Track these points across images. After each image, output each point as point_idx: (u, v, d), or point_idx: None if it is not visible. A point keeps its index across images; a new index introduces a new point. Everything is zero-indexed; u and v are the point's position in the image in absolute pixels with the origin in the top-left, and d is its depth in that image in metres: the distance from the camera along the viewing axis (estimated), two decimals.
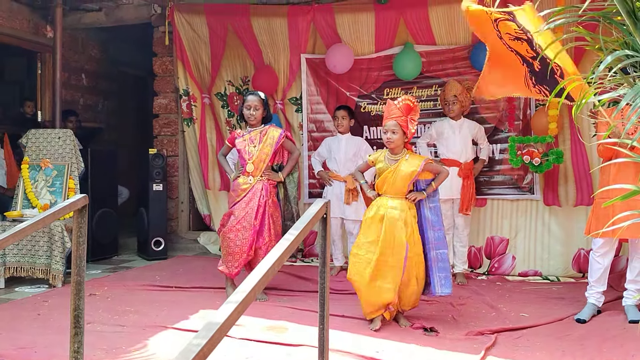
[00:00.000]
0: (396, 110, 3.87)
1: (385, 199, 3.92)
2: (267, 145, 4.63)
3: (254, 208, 4.55)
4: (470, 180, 5.31)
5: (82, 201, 2.79)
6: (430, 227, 3.95)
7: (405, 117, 3.85)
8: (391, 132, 3.87)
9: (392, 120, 3.87)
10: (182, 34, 6.47)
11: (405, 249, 3.78)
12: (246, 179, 4.62)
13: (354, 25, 5.96)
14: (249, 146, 4.64)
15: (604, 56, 1.76)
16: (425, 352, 3.37)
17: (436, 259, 3.91)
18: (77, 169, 5.70)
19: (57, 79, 6.41)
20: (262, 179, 4.62)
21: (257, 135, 4.66)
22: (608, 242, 4.04)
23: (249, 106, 4.62)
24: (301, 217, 2.34)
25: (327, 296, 2.49)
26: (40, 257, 5.16)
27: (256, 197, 4.56)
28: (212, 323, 1.47)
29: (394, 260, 3.78)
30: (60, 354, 3.18)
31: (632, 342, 3.43)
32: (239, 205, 4.58)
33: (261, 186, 4.60)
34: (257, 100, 4.63)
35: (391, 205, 3.87)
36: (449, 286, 3.91)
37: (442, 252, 3.93)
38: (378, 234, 3.83)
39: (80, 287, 2.80)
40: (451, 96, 5.29)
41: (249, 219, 4.53)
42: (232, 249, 4.55)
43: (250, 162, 4.60)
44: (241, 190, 4.60)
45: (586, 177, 5.37)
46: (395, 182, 3.89)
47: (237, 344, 3.50)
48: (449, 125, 5.34)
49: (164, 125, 7.04)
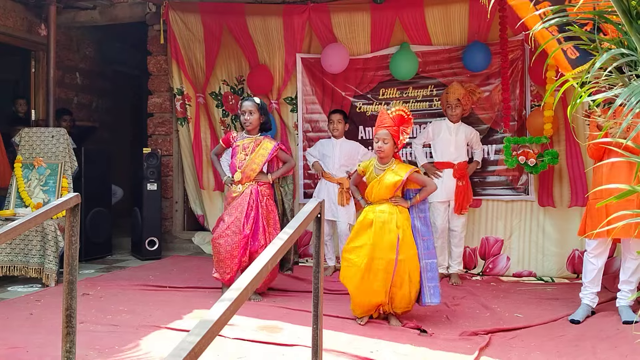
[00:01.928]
0: (389, 119, 3.91)
1: (374, 206, 3.99)
2: (259, 155, 4.62)
3: (243, 213, 4.54)
4: (465, 180, 5.31)
5: (74, 200, 2.77)
6: (420, 237, 3.97)
7: (397, 127, 3.90)
8: (382, 142, 3.92)
9: (384, 130, 3.91)
10: (176, 33, 6.44)
11: (396, 251, 3.80)
12: (235, 188, 4.64)
13: (349, 25, 5.95)
14: (241, 153, 4.62)
15: (599, 55, 1.75)
16: (420, 352, 3.37)
17: (425, 268, 3.93)
18: (71, 168, 5.67)
19: (50, 78, 6.38)
20: (251, 184, 4.61)
21: (251, 144, 4.64)
22: (602, 243, 4.05)
23: (244, 111, 4.61)
24: (295, 216, 2.33)
25: (321, 296, 2.48)
26: (34, 257, 5.13)
27: (245, 201, 4.56)
28: (205, 321, 1.46)
29: (383, 263, 3.81)
30: (52, 353, 3.16)
31: (626, 343, 3.43)
32: (227, 211, 4.61)
33: (250, 190, 4.59)
34: (252, 105, 4.61)
35: (379, 209, 3.93)
36: (437, 296, 3.94)
37: (432, 262, 3.95)
38: (367, 238, 3.88)
39: (72, 286, 2.78)
40: (454, 99, 5.28)
41: (238, 224, 4.52)
42: (222, 255, 4.54)
43: (239, 170, 4.60)
44: (231, 198, 4.64)
45: (581, 178, 5.38)
46: (380, 191, 3.96)
47: (231, 344, 3.48)
48: (447, 127, 5.33)
49: (159, 124, 7.01)
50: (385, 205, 3.94)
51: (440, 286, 4.00)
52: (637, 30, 1.68)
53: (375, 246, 3.83)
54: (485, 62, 5.57)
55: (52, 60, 6.41)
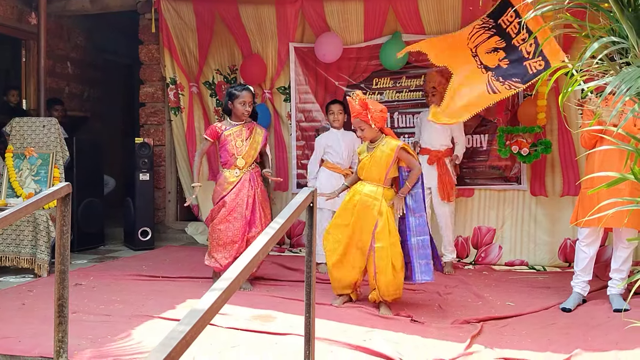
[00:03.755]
0: (355, 107, 4.00)
1: (362, 185, 4.08)
2: (255, 141, 4.63)
3: (244, 199, 4.54)
4: (445, 168, 5.27)
5: (65, 189, 2.75)
6: (412, 214, 4.00)
7: (364, 112, 3.96)
8: (359, 129, 4.07)
9: (356, 118, 4.02)
10: (168, 22, 6.39)
11: (372, 235, 3.92)
12: (232, 172, 4.59)
13: (342, 14, 5.92)
14: (237, 140, 4.59)
15: (590, 43, 1.75)
16: (412, 340, 3.38)
17: (417, 245, 3.96)
18: (62, 158, 5.63)
19: (41, 67, 6.32)
20: (249, 170, 4.61)
21: (243, 130, 4.61)
22: (594, 232, 4.07)
23: (244, 102, 4.57)
24: (287, 205, 2.33)
25: (313, 285, 2.48)
26: (25, 247, 5.11)
27: (245, 187, 4.56)
28: (196, 310, 1.46)
29: (360, 243, 3.99)
30: (45, 343, 3.15)
31: (616, 331, 3.46)
32: (229, 196, 4.55)
33: (248, 176, 4.59)
34: (251, 95, 4.62)
35: (366, 191, 4.02)
36: (429, 273, 3.97)
37: (424, 238, 3.98)
38: (351, 217, 4.02)
39: (64, 276, 2.78)
40: (430, 87, 5.29)
41: (240, 210, 4.53)
42: (222, 240, 4.52)
43: (240, 156, 4.58)
44: (228, 183, 4.57)
45: (573, 167, 5.40)
46: (372, 168, 4.03)
47: (224, 333, 3.49)
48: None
49: (151, 114, 6.97)
50: (374, 188, 4.00)
51: (432, 264, 4.01)
52: (628, 18, 1.68)
53: (354, 228, 4.00)
54: None
55: (42, 49, 6.35)
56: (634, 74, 1.59)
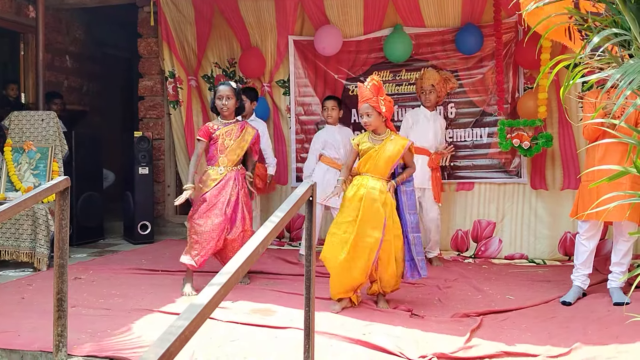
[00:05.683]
0: (367, 92, 3.86)
1: (366, 179, 3.90)
2: (244, 141, 4.52)
3: (227, 197, 4.41)
4: (438, 172, 5.32)
5: (64, 183, 2.74)
6: (407, 211, 3.97)
7: (376, 98, 3.83)
8: (366, 115, 3.88)
9: (365, 103, 3.86)
10: (167, 15, 6.36)
11: (383, 228, 3.78)
12: (216, 170, 4.48)
13: (342, 7, 5.89)
14: (225, 139, 4.52)
15: (592, 35, 1.74)
16: (412, 334, 3.38)
17: (414, 242, 3.95)
18: (61, 152, 5.62)
19: (40, 61, 6.28)
20: (233, 169, 4.53)
21: (234, 129, 4.54)
22: (594, 226, 4.06)
23: (221, 96, 4.47)
24: (287, 199, 2.32)
25: (313, 279, 2.47)
26: (25, 241, 5.11)
27: (229, 186, 4.44)
28: (195, 305, 1.45)
29: (370, 240, 3.78)
30: (44, 337, 3.15)
31: (616, 324, 3.46)
32: (211, 192, 4.41)
33: (233, 175, 4.49)
34: (228, 89, 4.47)
35: (372, 185, 3.86)
36: (425, 268, 4.00)
37: (418, 235, 3.99)
38: (357, 213, 3.82)
39: (63, 270, 2.77)
40: (428, 85, 5.24)
41: (221, 207, 4.38)
42: (199, 235, 4.35)
43: (223, 155, 4.47)
44: (211, 180, 4.45)
45: (573, 160, 5.39)
46: (379, 162, 3.89)
47: (224, 327, 3.48)
48: (424, 115, 5.31)
49: (150, 107, 6.95)
50: (378, 182, 3.88)
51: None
52: (630, 10, 1.67)
53: (364, 222, 3.79)
54: (478, 44, 5.53)
55: (41, 43, 6.31)
56: (637, 66, 1.58)
